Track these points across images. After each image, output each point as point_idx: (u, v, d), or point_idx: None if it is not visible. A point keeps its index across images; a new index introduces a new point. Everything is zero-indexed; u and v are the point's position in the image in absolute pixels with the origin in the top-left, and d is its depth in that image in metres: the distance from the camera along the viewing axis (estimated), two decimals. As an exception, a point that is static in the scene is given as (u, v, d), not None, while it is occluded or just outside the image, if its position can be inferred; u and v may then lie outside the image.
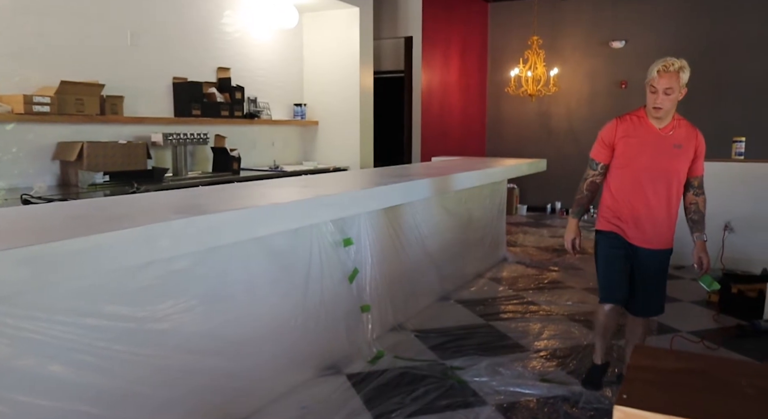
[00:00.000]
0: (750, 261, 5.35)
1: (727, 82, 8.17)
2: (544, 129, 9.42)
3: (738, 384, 0.74)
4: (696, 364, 0.80)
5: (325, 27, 6.58)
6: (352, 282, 3.48)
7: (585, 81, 9.08)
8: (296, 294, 3.03)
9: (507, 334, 3.93)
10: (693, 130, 2.81)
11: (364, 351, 3.51)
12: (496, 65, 9.66)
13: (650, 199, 2.79)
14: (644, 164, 2.77)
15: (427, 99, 7.98)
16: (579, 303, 4.59)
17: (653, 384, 0.76)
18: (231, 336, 2.62)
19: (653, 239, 2.85)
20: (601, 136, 2.91)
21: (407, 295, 4.14)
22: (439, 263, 4.63)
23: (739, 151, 5.78)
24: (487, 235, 5.58)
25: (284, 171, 5.67)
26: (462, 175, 4.25)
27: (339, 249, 3.35)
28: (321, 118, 6.71)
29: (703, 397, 0.73)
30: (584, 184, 3.01)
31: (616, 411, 0.73)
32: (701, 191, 2.90)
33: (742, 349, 3.70)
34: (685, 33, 8.28)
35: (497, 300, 4.69)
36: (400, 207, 3.99)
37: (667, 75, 2.62)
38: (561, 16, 9.12)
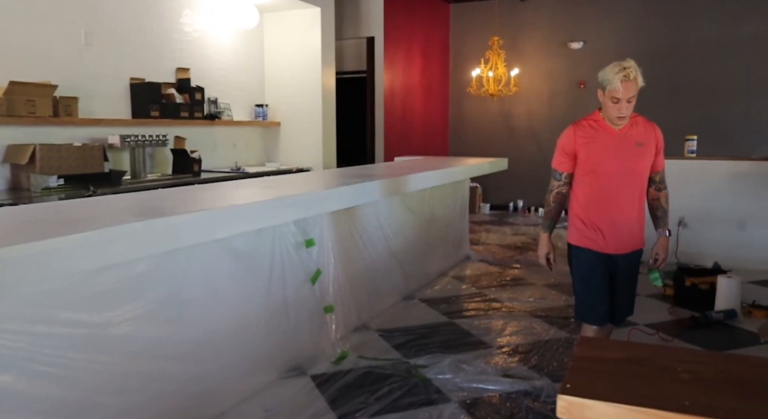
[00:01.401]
0: (702, 255, 5.54)
1: (681, 82, 8.43)
2: (505, 128, 9.55)
3: (674, 369, 0.78)
4: (637, 353, 0.84)
5: (286, 27, 6.54)
6: (315, 283, 3.47)
7: (545, 81, 9.24)
8: (259, 295, 3.01)
9: (470, 331, 3.97)
10: (650, 125, 2.78)
11: (328, 352, 3.51)
12: (458, 65, 9.76)
13: (621, 203, 2.73)
14: (610, 168, 2.70)
15: (390, 99, 8.01)
16: (540, 299, 4.68)
17: (596, 373, 0.79)
18: (192, 339, 2.59)
19: (629, 242, 2.79)
20: (561, 145, 2.82)
21: (371, 295, 4.16)
22: (403, 262, 4.65)
23: (691, 148, 5.96)
24: (450, 234, 5.63)
25: (246, 172, 5.63)
26: (423, 174, 4.28)
27: (301, 250, 3.34)
28: (283, 119, 6.67)
29: (642, 383, 0.76)
30: (550, 196, 2.89)
31: (560, 400, 0.75)
32: (663, 185, 2.87)
33: (695, 339, 3.83)
34: (642, 35, 8.51)
35: (460, 298, 4.74)
36: (363, 207, 3.99)
37: (629, 84, 2.56)
38: (521, 17, 9.26)
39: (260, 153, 6.68)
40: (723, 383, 0.74)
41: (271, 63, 6.62)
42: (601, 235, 2.76)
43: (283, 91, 6.62)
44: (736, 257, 5.63)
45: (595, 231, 2.77)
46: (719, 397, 0.71)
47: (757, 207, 5.69)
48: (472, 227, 7.84)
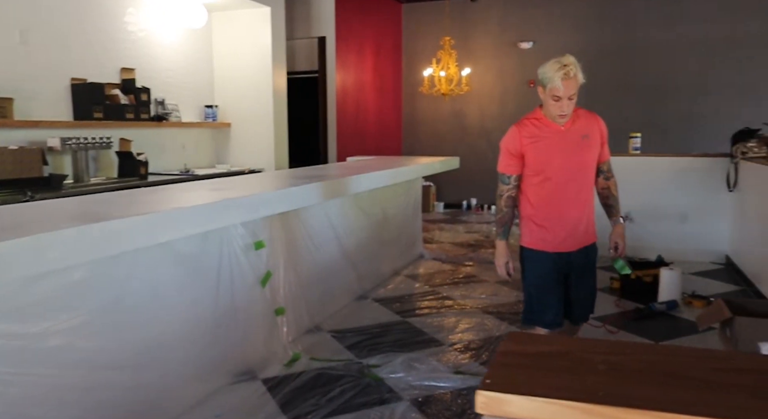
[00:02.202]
0: (647, 249, 5.72)
1: (626, 81, 8.69)
2: (458, 127, 9.65)
3: (593, 361, 0.80)
4: (559, 347, 0.86)
5: (235, 27, 6.45)
6: (266, 286, 3.44)
7: (496, 80, 9.38)
8: (206, 299, 2.96)
9: (423, 330, 4.00)
10: (592, 116, 2.74)
11: (279, 355, 3.48)
12: (410, 65, 9.81)
13: (573, 199, 2.69)
14: (559, 165, 2.64)
15: (342, 99, 7.99)
16: (492, 296, 4.74)
17: (517, 367, 0.80)
18: (135, 347, 2.53)
19: (583, 237, 2.74)
20: (506, 147, 2.73)
21: (323, 296, 4.14)
22: (356, 262, 4.65)
23: (635, 146, 6.15)
24: (403, 233, 5.66)
25: (195, 174, 5.53)
26: (372, 174, 4.28)
27: (250, 252, 3.30)
28: (234, 120, 6.58)
29: (560, 376, 0.78)
30: (501, 201, 2.79)
31: (478, 395, 0.76)
32: (611, 174, 2.84)
33: (640, 330, 3.95)
34: (588, 36, 8.72)
35: (414, 296, 4.76)
36: (314, 208, 3.97)
37: (569, 82, 2.50)
38: (472, 18, 9.38)
39: (210, 154, 6.57)
40: (640, 373, 0.77)
41: (220, 63, 6.52)
42: (555, 235, 2.70)
43: (234, 92, 6.53)
44: (679, 249, 5.84)
45: (548, 232, 2.71)
46: (634, 387, 0.73)
47: (697, 201, 5.91)
48: (425, 226, 7.90)
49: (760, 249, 4.81)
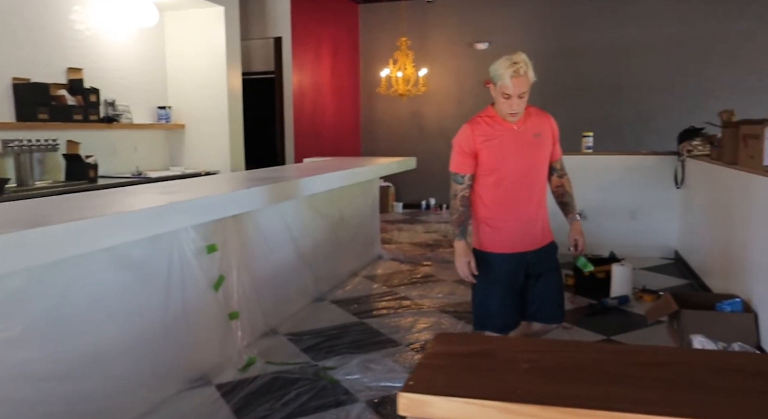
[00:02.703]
0: (600, 245, 5.83)
1: (579, 81, 8.88)
2: (416, 128, 9.70)
3: (517, 360, 0.81)
4: (485, 346, 0.86)
5: (188, 26, 6.33)
6: (219, 290, 3.38)
7: (453, 81, 9.46)
8: (155, 305, 2.89)
9: (380, 330, 4.00)
10: (544, 115, 2.72)
11: (234, 359, 3.42)
12: (368, 66, 9.81)
13: (527, 198, 2.65)
14: (513, 164, 2.60)
15: (299, 100, 7.94)
16: (449, 295, 4.77)
17: (442, 368, 0.80)
18: (78, 356, 2.45)
19: (539, 237, 2.71)
20: (459, 146, 2.65)
21: (279, 299, 4.10)
22: (313, 264, 4.62)
23: (588, 145, 6.28)
24: (360, 234, 5.65)
25: (148, 177, 5.40)
26: (327, 175, 4.25)
27: (202, 256, 3.24)
28: (188, 121, 6.46)
29: (482, 376, 0.79)
30: (456, 201, 2.69)
31: (400, 397, 0.76)
32: (564, 172, 2.83)
33: (592, 326, 4.03)
34: (542, 36, 8.88)
35: (371, 297, 4.76)
36: (268, 210, 3.93)
37: (519, 79, 2.46)
38: (428, 18, 9.44)
39: (164, 156, 6.44)
40: (559, 370, 0.78)
41: (173, 63, 6.39)
42: (510, 235, 2.65)
43: (188, 93, 6.40)
44: (630, 245, 5.98)
45: (502, 233, 2.66)
46: (552, 384, 0.74)
47: (647, 198, 6.07)
48: (384, 226, 7.91)
49: (705, 244, 4.97)
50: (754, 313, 3.49)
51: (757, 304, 3.50)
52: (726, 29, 8.35)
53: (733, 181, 4.10)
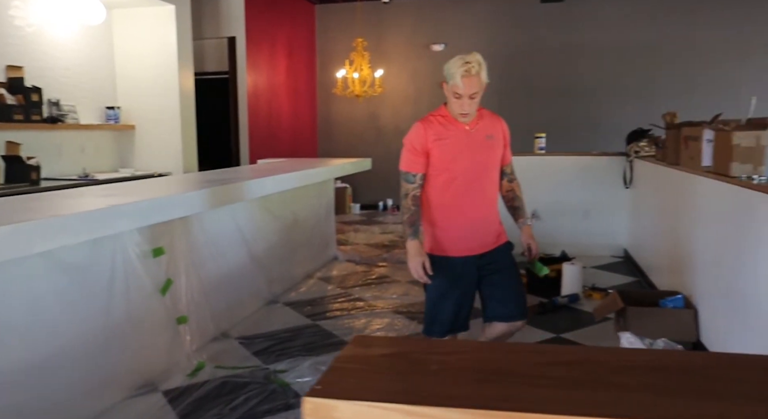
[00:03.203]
0: (553, 245, 5.94)
1: (533, 83, 9.04)
2: (373, 128, 9.70)
3: (428, 362, 0.81)
4: (401, 348, 0.86)
5: (138, 25, 6.18)
6: (166, 294, 3.31)
7: (409, 82, 9.50)
8: (96, 312, 2.80)
9: (333, 332, 3.98)
10: (496, 118, 2.70)
11: (182, 365, 3.36)
12: (324, 66, 9.77)
13: (478, 200, 2.62)
14: (464, 165, 2.56)
15: (254, 101, 7.85)
16: (404, 295, 4.78)
17: (352, 372, 0.80)
18: (14, 366, 2.36)
19: (492, 238, 2.67)
20: (411, 144, 2.61)
21: (230, 302, 4.03)
22: (266, 266, 4.57)
23: (540, 146, 6.38)
24: (315, 236, 5.61)
25: (95, 179, 5.24)
26: (277, 177, 4.20)
27: (148, 260, 3.16)
28: (138, 122, 6.30)
29: (391, 379, 0.78)
30: (408, 200, 2.64)
31: (305, 402, 0.75)
32: (514, 176, 2.81)
33: (542, 324, 4.09)
34: (498, 38, 9.00)
35: (325, 299, 4.73)
36: (219, 212, 3.86)
37: (470, 79, 2.42)
38: (385, 19, 9.46)
39: (114, 158, 6.27)
40: (470, 372, 0.78)
41: (122, 63, 6.23)
42: (461, 238, 2.61)
43: (138, 93, 6.25)
44: (582, 244, 6.11)
45: (453, 235, 2.61)
46: (460, 386, 0.74)
47: (598, 197, 6.22)
48: (341, 227, 7.89)
49: (651, 242, 5.12)
50: (694, 309, 3.60)
51: (698, 300, 3.62)
52: (673, 33, 8.63)
53: (675, 181, 4.23)
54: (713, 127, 3.32)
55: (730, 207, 3.17)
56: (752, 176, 2.94)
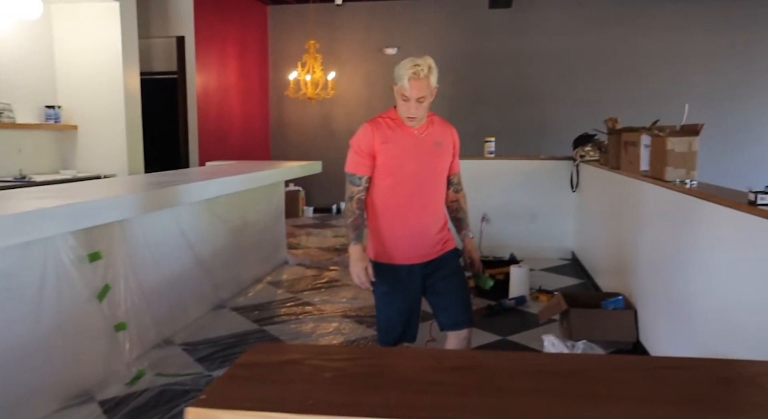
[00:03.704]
0: (502, 247, 6.03)
1: (484, 88, 9.16)
2: (326, 131, 9.66)
3: (325, 369, 0.79)
4: (295, 356, 0.84)
5: (80, 21, 5.97)
6: (103, 300, 3.19)
7: (362, 85, 9.50)
8: (24, 320, 2.68)
9: (279, 337, 3.93)
10: (446, 125, 2.63)
11: (121, 373, 3.25)
12: (277, 68, 9.68)
13: (423, 207, 2.54)
14: (411, 170, 2.49)
15: (204, 102, 7.70)
16: (353, 299, 4.76)
17: (244, 380, 0.78)
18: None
19: (438, 246, 2.60)
20: (358, 145, 2.51)
21: (174, 307, 3.93)
22: (212, 271, 4.48)
23: (490, 150, 6.46)
24: (265, 239, 5.53)
25: (32, 181, 5.05)
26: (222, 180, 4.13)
27: (83, 265, 3.05)
28: (81, 122, 6.09)
29: (282, 388, 0.77)
30: (352, 203, 2.53)
31: (187, 413, 0.73)
32: (461, 187, 2.75)
33: (489, 326, 4.13)
34: (450, 44, 9.09)
35: (274, 304, 4.67)
36: (161, 215, 3.76)
37: (418, 82, 2.35)
38: (338, 22, 9.43)
39: (54, 159, 6.04)
40: (363, 378, 0.77)
41: (63, 60, 6.01)
42: (405, 245, 2.53)
43: (80, 92, 6.04)
44: (531, 247, 6.21)
45: (398, 242, 2.53)
46: (349, 393, 0.73)
47: (546, 201, 6.33)
48: (293, 231, 7.82)
49: (596, 245, 5.24)
50: (634, 310, 3.69)
51: (637, 302, 3.71)
52: (619, 40, 8.88)
53: (617, 185, 4.34)
54: (650, 132, 3.42)
55: (665, 210, 3.27)
56: (685, 180, 3.04)
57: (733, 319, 2.38)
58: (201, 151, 7.58)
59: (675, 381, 0.71)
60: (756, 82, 8.70)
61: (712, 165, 8.46)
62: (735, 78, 8.73)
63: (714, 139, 8.64)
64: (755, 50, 8.66)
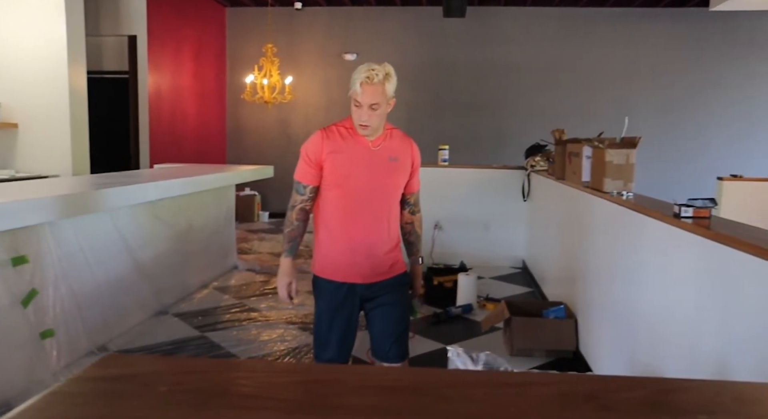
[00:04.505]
0: (453, 255, 6.05)
1: (443, 96, 9.22)
2: (284, 136, 9.57)
3: (160, 382, 0.75)
4: (138, 368, 0.79)
5: (20, 16, 5.75)
6: (28, 306, 3.06)
7: (321, 90, 9.45)
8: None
9: (220, 344, 3.84)
10: (407, 141, 2.43)
11: (47, 383, 3.10)
12: (234, 71, 9.55)
13: (371, 224, 2.36)
14: (359, 183, 2.32)
15: (156, 103, 7.54)
16: (299, 306, 4.68)
17: (67, 396, 0.73)
18: None
19: (384, 268, 2.41)
20: (306, 152, 2.35)
21: (110, 314, 3.80)
22: (154, 275, 4.36)
23: (444, 158, 6.48)
24: (213, 244, 5.42)
25: (-36, 180, 4.83)
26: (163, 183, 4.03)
27: (6, 269, 2.92)
28: (22, 121, 5.88)
29: (104, 404, 0.72)
30: (293, 213, 2.41)
31: None
32: (417, 209, 2.55)
33: (434, 334, 4.12)
34: (409, 52, 9.11)
35: (218, 310, 4.57)
36: (97, 218, 3.64)
37: (371, 88, 2.19)
38: (297, 26, 9.37)
39: (-7, 158, 5.82)
40: (196, 394, 0.73)
41: (3, 55, 5.79)
42: (348, 262, 2.35)
43: (21, 89, 5.82)
44: (483, 255, 6.25)
45: (339, 258, 2.36)
46: (168, 411, 0.69)
47: (499, 210, 6.38)
48: (246, 235, 7.71)
49: (544, 254, 5.29)
50: (574, 319, 3.73)
51: (578, 311, 3.75)
52: (575, 55, 9.05)
53: (562, 195, 4.40)
54: (591, 144, 3.47)
55: (603, 221, 3.32)
56: (622, 192, 3.09)
57: (661, 331, 2.41)
58: (153, 152, 7.42)
59: (519, 399, 0.69)
60: (702, 95, 8.97)
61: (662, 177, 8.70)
62: (683, 92, 8.99)
63: (663, 150, 8.89)
64: (702, 64, 8.93)
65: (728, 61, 8.86)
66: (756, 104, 8.87)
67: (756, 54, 8.81)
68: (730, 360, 1.85)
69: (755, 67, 8.84)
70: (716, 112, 8.97)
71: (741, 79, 8.86)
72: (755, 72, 8.84)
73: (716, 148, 8.96)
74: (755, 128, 8.91)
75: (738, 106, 8.92)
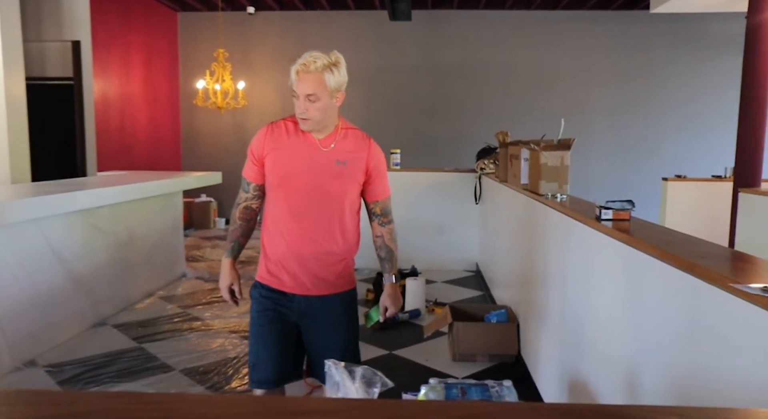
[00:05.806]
0: (407, 259, 6.00)
1: (400, 100, 9.22)
2: (239, 141, 9.43)
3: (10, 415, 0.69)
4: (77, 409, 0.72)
5: (-43, 20, 5.57)
6: (-56, 321, 2.93)
7: (277, 95, 9.36)
8: None
9: (156, 355, 3.73)
10: (364, 142, 2.19)
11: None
12: (188, 77, 9.40)
13: (311, 231, 2.14)
14: (299, 185, 2.12)
15: (103, 109, 7.36)
16: (245, 314, 4.58)
17: None
18: None
19: (325, 281, 2.18)
20: (250, 148, 2.18)
21: (38, 327, 3.67)
22: (91, 286, 4.22)
23: (395, 161, 6.46)
24: (158, 252, 5.29)
25: None
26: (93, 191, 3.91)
27: None
28: (-43, 128, 5.67)
29: None
30: (237, 211, 2.25)
31: None
32: (387, 219, 2.28)
33: (378, 340, 4.07)
34: (367, 56, 9.08)
35: (161, 319, 4.45)
36: (23, 228, 3.51)
37: (308, 76, 1.98)
38: (250, 31, 9.27)
39: (-73, 167, 5.58)
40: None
41: (-63, 61, 5.58)
42: (285, 270, 2.16)
43: (-43, 96, 5.62)
44: (437, 259, 6.24)
45: (279, 265, 2.17)
46: None
47: (452, 213, 6.38)
48: (199, 243, 7.57)
49: (493, 258, 5.30)
50: (516, 323, 3.72)
51: (520, 315, 3.75)
52: (528, 58, 9.15)
53: (505, 198, 4.41)
54: (528, 146, 3.47)
55: (538, 223, 3.32)
56: (557, 194, 3.09)
57: (587, 336, 2.40)
58: (102, 160, 7.22)
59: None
60: (652, 97, 9.15)
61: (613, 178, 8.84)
62: (634, 93, 9.16)
63: (615, 152, 9.04)
64: (651, 66, 9.11)
65: (675, 62, 9.07)
66: (704, 105, 9.08)
67: (698, 55, 9.02)
68: (640, 368, 1.84)
69: (700, 68, 9.05)
70: (666, 114, 9.16)
71: (687, 80, 9.07)
72: (700, 72, 9.05)
73: (666, 149, 9.14)
74: (703, 129, 9.11)
75: (686, 108, 9.12)
